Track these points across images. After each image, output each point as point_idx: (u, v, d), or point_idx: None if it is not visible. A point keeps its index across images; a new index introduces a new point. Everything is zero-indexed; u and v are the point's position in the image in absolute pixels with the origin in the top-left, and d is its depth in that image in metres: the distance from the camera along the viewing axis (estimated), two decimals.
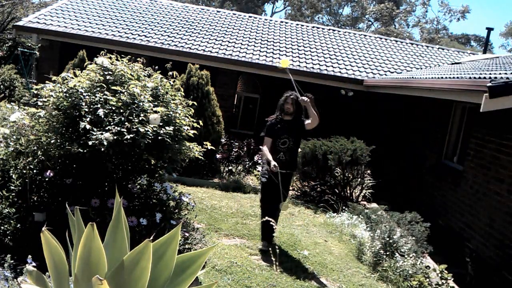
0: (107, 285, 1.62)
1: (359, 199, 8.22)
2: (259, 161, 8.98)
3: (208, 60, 10.17)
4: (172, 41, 10.65)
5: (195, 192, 7.04)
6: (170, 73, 4.44)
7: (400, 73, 10.90)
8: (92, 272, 1.78)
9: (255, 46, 11.33)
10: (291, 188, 8.24)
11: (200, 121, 4.49)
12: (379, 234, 5.28)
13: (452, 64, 11.28)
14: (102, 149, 3.43)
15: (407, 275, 4.71)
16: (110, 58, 4.12)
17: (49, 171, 3.86)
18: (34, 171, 3.96)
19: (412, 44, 14.15)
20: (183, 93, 4.46)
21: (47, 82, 3.98)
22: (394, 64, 11.73)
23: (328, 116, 9.08)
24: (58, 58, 10.80)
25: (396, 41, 14.23)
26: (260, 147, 5.33)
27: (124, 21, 11.55)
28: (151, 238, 1.86)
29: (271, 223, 4.77)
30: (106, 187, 3.98)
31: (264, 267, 4.58)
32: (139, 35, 10.68)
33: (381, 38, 14.07)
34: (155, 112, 3.76)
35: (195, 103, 4.56)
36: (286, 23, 14.22)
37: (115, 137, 3.44)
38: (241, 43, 11.36)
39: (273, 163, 4.90)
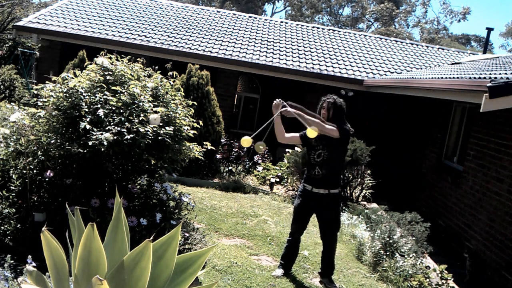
0: (107, 285, 1.62)
1: (359, 199, 8.22)
2: (259, 161, 8.99)
3: (208, 60, 10.17)
4: (172, 41, 10.65)
5: (195, 192, 7.04)
6: (170, 73, 4.44)
7: (400, 73, 10.91)
8: (92, 272, 1.78)
9: (255, 46, 11.33)
10: (290, 187, 8.25)
11: (200, 121, 4.49)
12: (379, 234, 5.28)
13: (452, 64, 11.28)
14: (102, 149, 3.43)
15: (407, 275, 4.70)
16: (110, 58, 4.13)
17: (49, 171, 3.86)
18: (34, 171, 3.97)
19: (412, 44, 14.15)
20: (183, 93, 4.46)
21: (47, 82, 3.98)
22: (394, 64, 11.73)
23: None
24: (58, 58, 10.81)
25: (396, 41, 14.23)
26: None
27: (124, 21, 11.55)
28: (151, 238, 1.86)
29: (281, 262, 4.50)
30: (106, 187, 3.99)
31: (264, 267, 4.58)
32: (139, 35, 10.68)
33: (381, 38, 14.07)
34: (155, 112, 3.76)
35: (195, 103, 4.56)
36: (286, 23, 14.22)
37: (115, 137, 3.45)
38: (241, 43, 11.36)
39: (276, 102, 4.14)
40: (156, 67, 4.49)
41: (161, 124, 3.75)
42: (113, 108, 3.66)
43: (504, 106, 4.45)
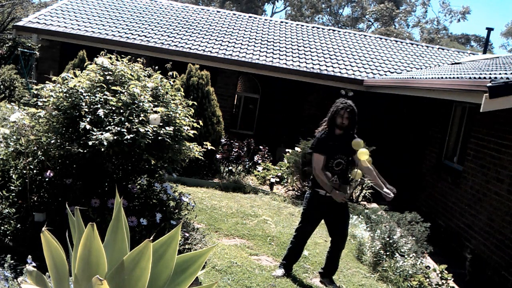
0: (107, 285, 1.62)
1: (359, 199, 8.22)
2: (259, 161, 8.98)
3: (208, 60, 10.17)
4: (172, 41, 10.65)
5: (195, 192, 7.04)
6: (170, 73, 4.44)
7: (400, 73, 10.90)
8: (92, 272, 1.78)
9: (255, 46, 11.33)
10: (290, 187, 8.25)
11: (200, 121, 4.49)
12: (379, 234, 5.28)
13: (452, 64, 11.28)
14: (102, 149, 3.43)
15: (407, 275, 4.71)
16: (110, 58, 4.13)
17: (49, 171, 3.86)
18: (34, 171, 3.97)
19: (412, 44, 14.15)
20: (183, 93, 4.47)
21: (47, 82, 3.98)
22: (394, 64, 11.73)
23: None
24: (58, 58, 10.81)
25: (396, 41, 14.23)
26: (314, 167, 4.31)
27: (124, 21, 11.55)
28: (151, 238, 1.86)
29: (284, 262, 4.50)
30: (106, 187, 3.99)
31: (264, 267, 4.58)
32: (139, 35, 10.68)
33: (381, 38, 14.07)
34: (155, 112, 3.76)
35: (195, 103, 4.56)
36: (286, 23, 14.22)
37: (115, 137, 3.44)
38: (241, 43, 11.36)
39: (337, 192, 4.22)
40: (156, 67, 4.49)
41: (161, 124, 3.75)
42: (113, 108, 3.66)
43: (504, 106, 4.45)
